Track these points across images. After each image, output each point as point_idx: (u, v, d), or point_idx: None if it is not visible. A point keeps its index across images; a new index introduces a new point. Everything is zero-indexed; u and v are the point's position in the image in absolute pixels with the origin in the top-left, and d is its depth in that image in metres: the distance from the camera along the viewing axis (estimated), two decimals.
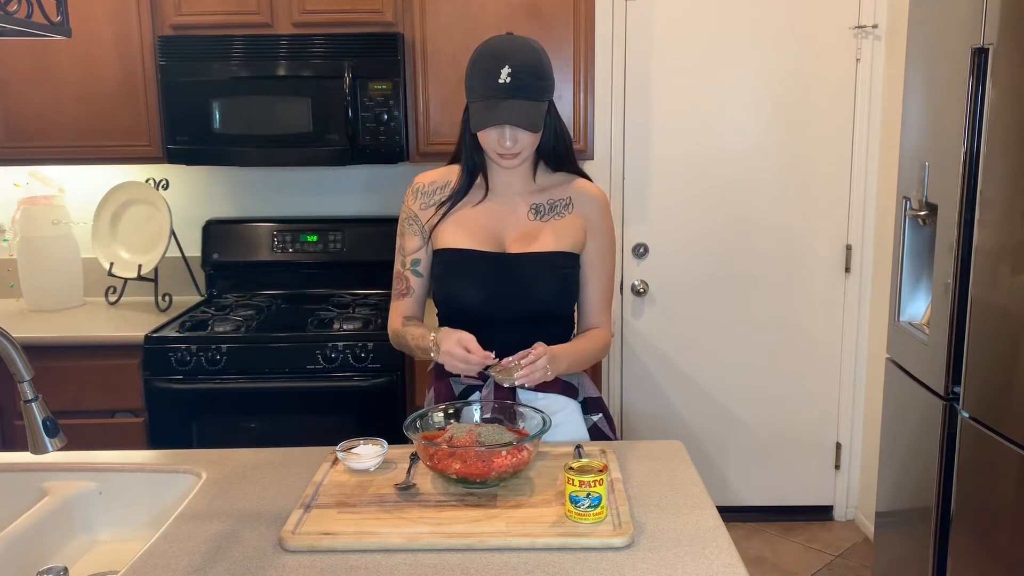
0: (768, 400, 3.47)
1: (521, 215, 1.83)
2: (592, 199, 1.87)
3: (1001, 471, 1.96)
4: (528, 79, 1.67)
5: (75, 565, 1.56)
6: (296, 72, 2.83)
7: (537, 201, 1.84)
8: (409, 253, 1.88)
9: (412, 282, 1.88)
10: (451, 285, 1.82)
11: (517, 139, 1.71)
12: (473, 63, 1.72)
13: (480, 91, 1.69)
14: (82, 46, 2.87)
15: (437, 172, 1.90)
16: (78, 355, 2.75)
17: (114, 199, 3.18)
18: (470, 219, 1.83)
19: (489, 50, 1.71)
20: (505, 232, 1.82)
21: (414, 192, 1.89)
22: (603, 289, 1.89)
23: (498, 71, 1.66)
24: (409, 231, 1.88)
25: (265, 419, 2.73)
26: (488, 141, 1.74)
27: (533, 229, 1.81)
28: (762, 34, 3.23)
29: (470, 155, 1.82)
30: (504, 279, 1.79)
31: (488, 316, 1.80)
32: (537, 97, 1.69)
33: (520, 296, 1.79)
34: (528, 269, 1.79)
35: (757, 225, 3.35)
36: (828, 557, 3.26)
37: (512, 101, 1.66)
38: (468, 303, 1.81)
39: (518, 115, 1.67)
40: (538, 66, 1.69)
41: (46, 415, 1.29)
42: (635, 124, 3.29)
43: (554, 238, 1.81)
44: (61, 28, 1.37)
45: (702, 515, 1.47)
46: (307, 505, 1.48)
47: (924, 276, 2.44)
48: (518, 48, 1.70)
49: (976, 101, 2.04)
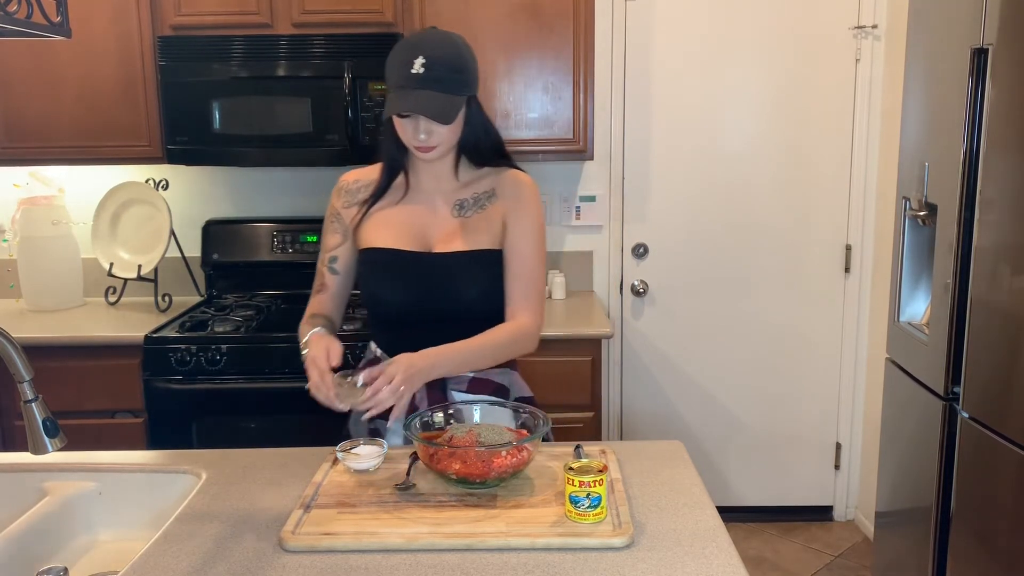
0: (768, 400, 3.47)
1: (445, 213, 1.79)
2: (513, 183, 1.81)
3: (1001, 471, 1.96)
4: (442, 71, 1.63)
5: (75, 565, 1.56)
6: (296, 72, 2.83)
7: (461, 197, 1.80)
8: (328, 250, 1.86)
9: (327, 279, 1.86)
10: (374, 285, 1.79)
11: (431, 131, 1.66)
12: (392, 53, 1.68)
13: (394, 80, 1.65)
14: (82, 46, 2.87)
15: (363, 170, 1.87)
16: (78, 355, 2.75)
17: (114, 199, 3.18)
18: (395, 218, 1.80)
19: (407, 41, 1.68)
20: (430, 231, 1.79)
21: (338, 190, 1.87)
22: (525, 275, 1.78)
23: (411, 61, 1.62)
24: (331, 228, 1.86)
25: (265, 419, 2.73)
26: (405, 133, 1.70)
27: (457, 226, 1.78)
28: (762, 34, 3.23)
29: (391, 151, 1.79)
30: (427, 279, 1.76)
31: (413, 317, 1.78)
32: (451, 90, 1.65)
33: (444, 296, 1.76)
34: (451, 268, 1.75)
35: (757, 225, 3.35)
36: (828, 557, 3.26)
37: (423, 91, 1.62)
38: (392, 303, 1.78)
39: (427, 105, 1.62)
40: (455, 59, 1.65)
41: (46, 415, 1.29)
42: (635, 124, 3.29)
43: (477, 235, 1.77)
44: (61, 28, 1.38)
45: (702, 515, 1.47)
46: (307, 505, 1.48)
47: (924, 276, 2.44)
48: (436, 40, 1.66)
49: (976, 101, 2.04)
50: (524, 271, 1.79)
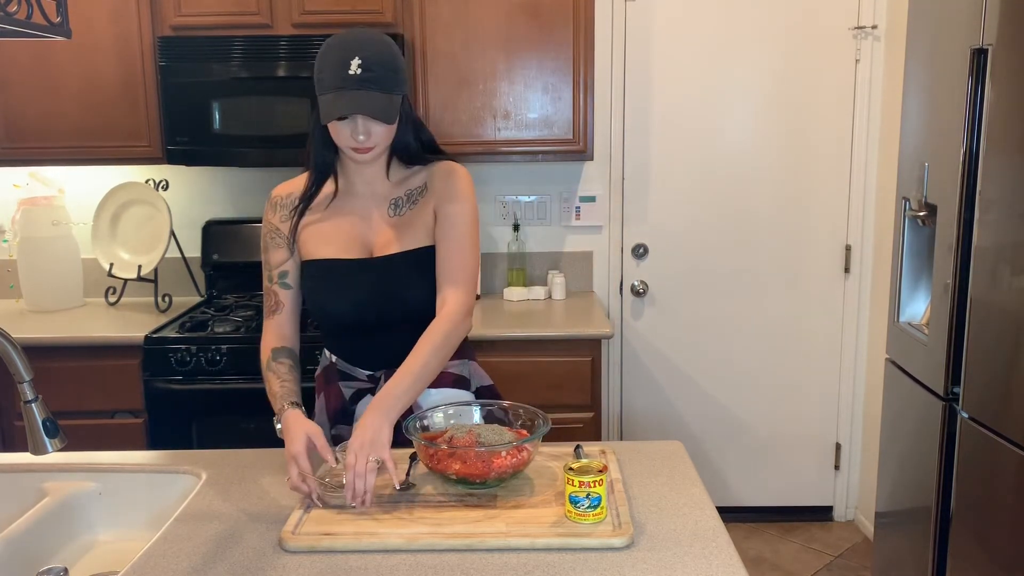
0: (768, 400, 3.47)
1: (381, 214, 1.76)
2: (442, 173, 1.76)
3: (1001, 471, 1.96)
4: (380, 71, 1.60)
5: (75, 565, 1.56)
6: (296, 73, 2.83)
7: (395, 196, 1.77)
8: (276, 267, 1.80)
9: (281, 296, 1.80)
10: (320, 297, 1.77)
11: (371, 132, 1.63)
12: (322, 56, 1.64)
13: (329, 83, 1.61)
14: (82, 47, 2.87)
15: (292, 182, 1.81)
16: (78, 355, 2.75)
17: (114, 200, 3.18)
18: (332, 226, 1.76)
19: (338, 43, 1.63)
20: (370, 235, 1.75)
21: (272, 205, 1.81)
22: (450, 256, 1.72)
23: (348, 62, 1.59)
24: (272, 244, 1.80)
25: (265, 419, 2.71)
26: (340, 136, 1.65)
27: (394, 227, 1.75)
28: (762, 35, 3.23)
29: (319, 153, 1.75)
30: (372, 285, 1.73)
31: (362, 324, 1.76)
32: (389, 89, 1.62)
33: (390, 301, 1.74)
34: (391, 271, 1.73)
35: (757, 225, 3.35)
36: (828, 557, 3.26)
37: (363, 92, 1.59)
38: (339, 313, 1.76)
39: (371, 106, 1.59)
40: (390, 59, 1.63)
41: (46, 416, 1.29)
42: (635, 124, 3.29)
43: (413, 233, 1.74)
44: (61, 29, 1.38)
45: (702, 515, 1.47)
46: (307, 505, 1.48)
47: (924, 276, 2.44)
48: (368, 40, 1.64)
49: (975, 101, 2.04)
50: (450, 253, 1.72)
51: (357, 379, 1.83)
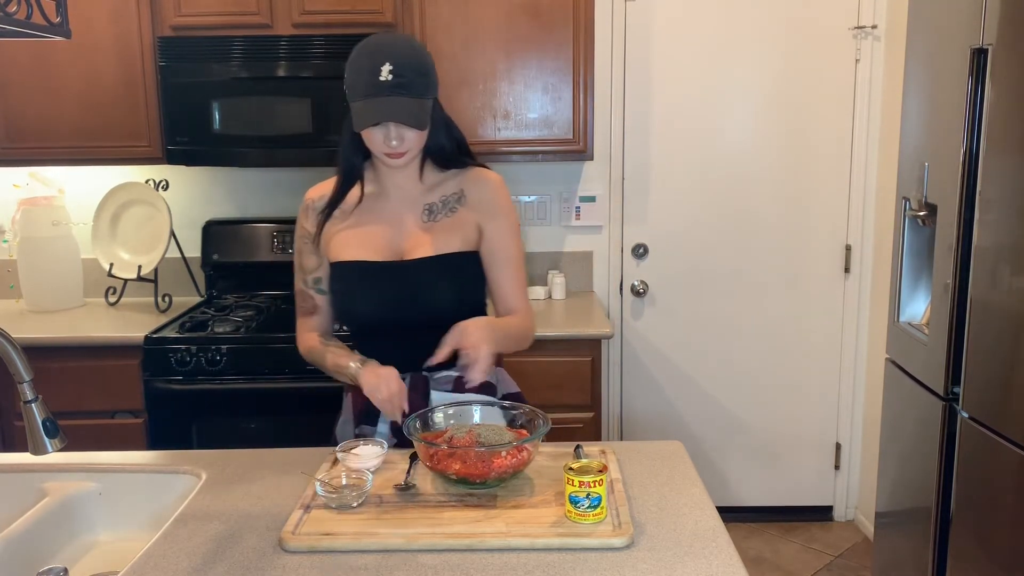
0: (768, 400, 3.47)
1: (414, 218, 1.77)
2: (482, 183, 1.79)
3: (1001, 471, 1.96)
4: (411, 76, 1.61)
5: (75, 565, 1.56)
6: (296, 73, 2.83)
7: (429, 201, 1.78)
8: (310, 272, 1.83)
9: (318, 300, 1.84)
10: (350, 299, 1.78)
11: (403, 137, 1.64)
12: (352, 62, 1.64)
13: (361, 90, 1.62)
14: (82, 47, 2.87)
15: (324, 185, 1.82)
16: (78, 355, 2.75)
17: (114, 200, 3.18)
18: (362, 229, 1.77)
19: (368, 49, 1.63)
20: (400, 238, 1.77)
21: (305, 210, 1.82)
22: (511, 274, 1.80)
23: (378, 68, 1.59)
24: (306, 250, 1.82)
25: (265, 419, 2.73)
26: (373, 142, 1.67)
27: (427, 231, 1.76)
28: (762, 35, 3.23)
29: (348, 158, 1.76)
30: (400, 288, 1.74)
31: (388, 326, 1.77)
32: (421, 94, 1.63)
33: (417, 304, 1.74)
34: (423, 276, 1.74)
35: (757, 225, 3.35)
36: (828, 557, 3.26)
37: (395, 98, 1.60)
38: (369, 315, 1.77)
39: (403, 112, 1.60)
40: (420, 63, 1.64)
41: (46, 416, 1.29)
42: (635, 124, 3.29)
43: (447, 239, 1.75)
44: (60, 29, 1.38)
45: (702, 515, 1.47)
46: (307, 506, 1.48)
47: (924, 276, 2.44)
48: (399, 45, 1.64)
49: (975, 101, 2.04)
50: (512, 269, 1.81)
51: None
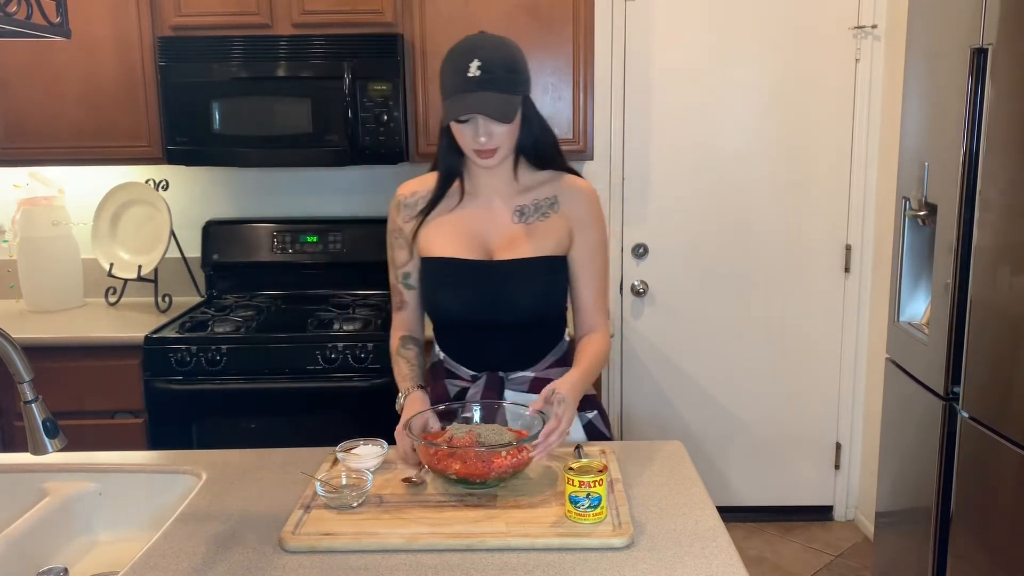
0: (768, 400, 3.47)
1: (505, 219, 1.79)
2: (578, 193, 1.82)
3: (1001, 471, 1.96)
4: (498, 72, 1.63)
5: (75, 565, 1.56)
6: (296, 73, 2.83)
7: (521, 203, 1.80)
8: (399, 267, 1.87)
9: (405, 295, 1.88)
10: (435, 295, 1.81)
11: (491, 133, 1.66)
12: (444, 63, 1.69)
13: (450, 86, 1.66)
14: (82, 47, 2.87)
15: (418, 181, 1.86)
16: (78, 356, 2.75)
17: (114, 200, 3.18)
18: (453, 225, 1.80)
19: (459, 47, 1.68)
20: (490, 238, 1.79)
21: (397, 205, 1.86)
22: (597, 287, 1.85)
23: (467, 65, 1.63)
24: (396, 245, 1.86)
25: (265, 419, 2.73)
26: (464, 139, 1.70)
27: (518, 233, 1.78)
28: (762, 34, 3.23)
29: (445, 158, 1.79)
30: (488, 287, 1.76)
31: (474, 324, 1.79)
32: (508, 90, 1.65)
33: (504, 304, 1.76)
34: (512, 276, 1.76)
35: (757, 225, 3.35)
36: (828, 557, 3.26)
37: (482, 93, 1.63)
38: (453, 312, 1.80)
39: (488, 105, 1.62)
40: (509, 59, 1.66)
41: (46, 416, 1.29)
42: (635, 124, 3.29)
43: (538, 242, 1.77)
44: (61, 29, 1.37)
45: (702, 515, 1.47)
46: (307, 506, 1.48)
47: (924, 276, 2.44)
48: (488, 43, 1.67)
49: (975, 101, 2.04)
50: (598, 282, 1.85)
51: (461, 378, 1.85)
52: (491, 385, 1.78)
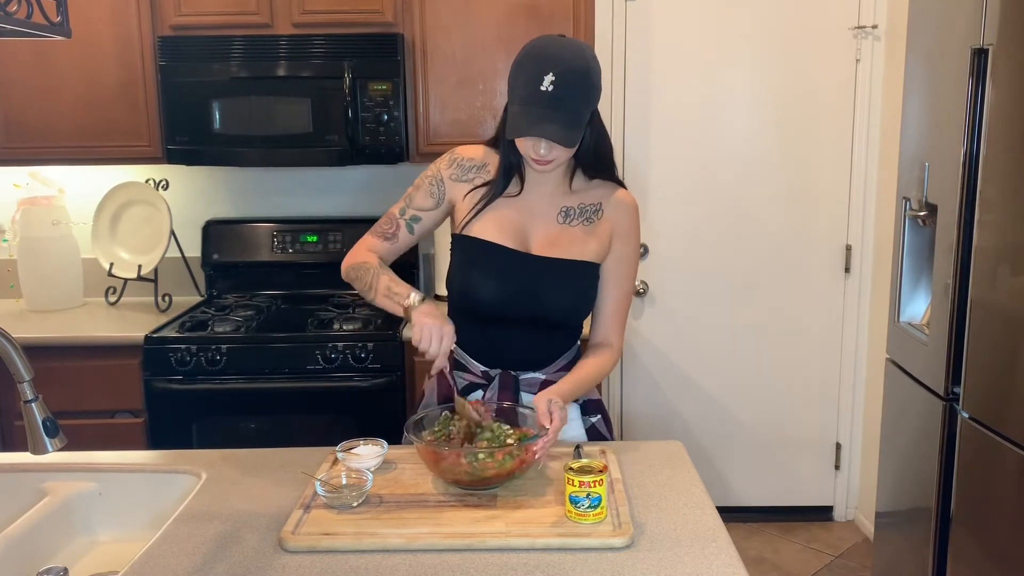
0: (768, 400, 3.46)
1: (550, 216, 1.79)
2: (622, 205, 1.81)
3: (1001, 471, 1.96)
4: (571, 89, 1.58)
5: (75, 565, 1.56)
6: (296, 72, 2.83)
7: (567, 204, 1.79)
8: (414, 207, 1.83)
9: (402, 232, 1.83)
10: (469, 274, 1.78)
11: (552, 148, 1.65)
12: (518, 64, 1.64)
13: (520, 95, 1.61)
14: (82, 47, 2.87)
15: (479, 150, 1.83)
16: (78, 355, 2.75)
17: (114, 199, 3.18)
18: (499, 212, 1.78)
19: (536, 52, 1.62)
20: (531, 231, 1.78)
21: (451, 160, 1.83)
22: (621, 299, 1.83)
23: (541, 77, 1.57)
24: (427, 190, 1.82)
25: (265, 419, 2.73)
26: (523, 146, 1.68)
27: (559, 233, 1.78)
28: (762, 35, 3.23)
29: (506, 156, 1.77)
30: (522, 279, 1.75)
31: (499, 313, 1.77)
32: (578, 107, 1.61)
33: (534, 299, 1.75)
34: (547, 273, 1.75)
35: (757, 225, 3.35)
36: (828, 557, 3.26)
37: (551, 112, 1.58)
38: (482, 296, 1.77)
39: (554, 130, 1.58)
40: (585, 74, 1.60)
41: (46, 415, 1.29)
42: (635, 125, 3.29)
43: (578, 245, 1.77)
44: (61, 29, 1.37)
45: (702, 515, 1.47)
46: (307, 505, 1.48)
47: (924, 276, 2.44)
48: (566, 52, 1.60)
49: (976, 102, 2.04)
50: (622, 296, 1.84)
51: (471, 372, 1.84)
52: (505, 385, 1.78)
